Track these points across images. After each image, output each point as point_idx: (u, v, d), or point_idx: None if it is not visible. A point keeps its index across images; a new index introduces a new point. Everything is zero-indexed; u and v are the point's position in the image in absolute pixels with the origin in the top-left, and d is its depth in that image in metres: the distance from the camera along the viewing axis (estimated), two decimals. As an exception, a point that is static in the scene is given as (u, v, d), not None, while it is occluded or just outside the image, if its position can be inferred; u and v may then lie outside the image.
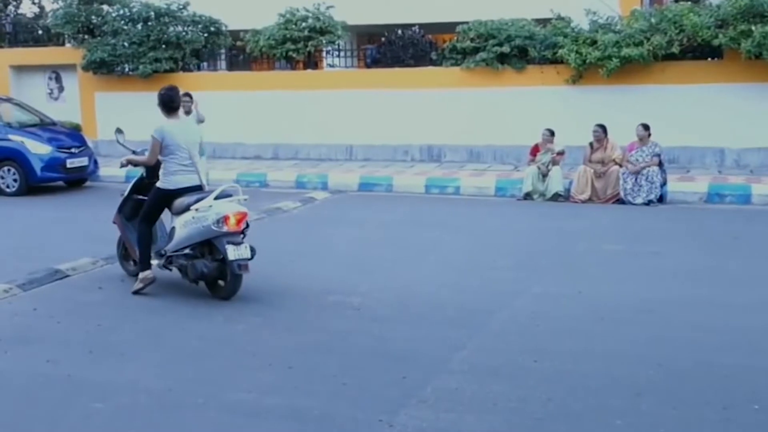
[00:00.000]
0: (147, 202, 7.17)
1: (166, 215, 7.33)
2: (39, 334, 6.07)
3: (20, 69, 19.42)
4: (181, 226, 6.96)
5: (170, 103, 7.07)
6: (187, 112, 11.82)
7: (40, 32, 22.21)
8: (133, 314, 6.57)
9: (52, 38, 20.33)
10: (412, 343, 5.72)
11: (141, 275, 7.04)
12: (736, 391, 4.75)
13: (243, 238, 6.90)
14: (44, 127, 14.56)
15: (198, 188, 7.09)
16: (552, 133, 12.50)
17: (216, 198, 6.87)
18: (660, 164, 11.79)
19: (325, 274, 7.72)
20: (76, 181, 14.34)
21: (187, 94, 11.98)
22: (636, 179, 11.68)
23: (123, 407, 4.66)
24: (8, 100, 15.97)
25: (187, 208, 6.93)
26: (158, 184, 7.09)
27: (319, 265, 8.16)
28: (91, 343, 5.84)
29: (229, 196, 7.00)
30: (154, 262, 7.24)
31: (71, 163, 13.74)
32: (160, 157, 7.08)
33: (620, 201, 11.78)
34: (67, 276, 7.69)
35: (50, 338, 5.97)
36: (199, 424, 4.43)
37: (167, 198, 7.08)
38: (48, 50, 19.61)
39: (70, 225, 10.69)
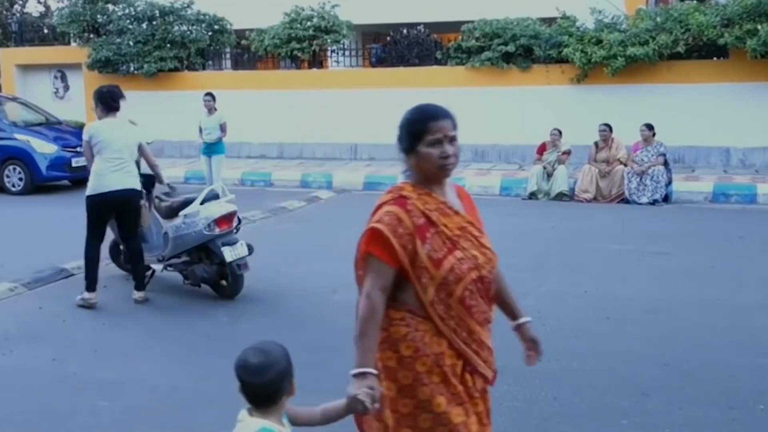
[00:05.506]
0: (87, 217, 6.70)
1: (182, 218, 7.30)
2: (45, 332, 6.08)
3: (26, 68, 19.47)
4: (173, 232, 6.93)
5: (110, 102, 6.64)
6: (209, 111, 11.96)
7: (45, 31, 22.27)
8: (138, 313, 6.58)
9: (58, 37, 20.39)
10: (418, 342, 5.70)
11: (87, 295, 6.64)
12: (742, 391, 4.74)
13: (236, 232, 6.90)
14: (50, 126, 14.60)
15: (131, 192, 6.64)
16: (560, 133, 12.49)
17: (203, 201, 6.85)
18: (665, 164, 11.77)
19: (331, 273, 7.70)
20: (82, 180, 14.31)
21: (209, 94, 12.09)
22: (641, 179, 11.66)
23: (129, 406, 4.67)
24: (14, 99, 16.02)
25: (175, 213, 6.93)
26: (86, 192, 6.63)
27: (324, 264, 8.15)
28: (96, 341, 5.85)
29: (216, 197, 6.98)
30: (157, 266, 7.22)
31: (77, 162, 13.74)
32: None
33: (625, 201, 11.76)
34: (73, 275, 7.70)
35: (56, 337, 5.98)
36: (204, 422, 4.44)
37: (101, 205, 6.59)
38: (53, 49, 19.67)
39: (76, 224, 10.57)
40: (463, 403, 2.66)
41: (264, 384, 2.39)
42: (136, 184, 6.75)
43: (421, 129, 2.66)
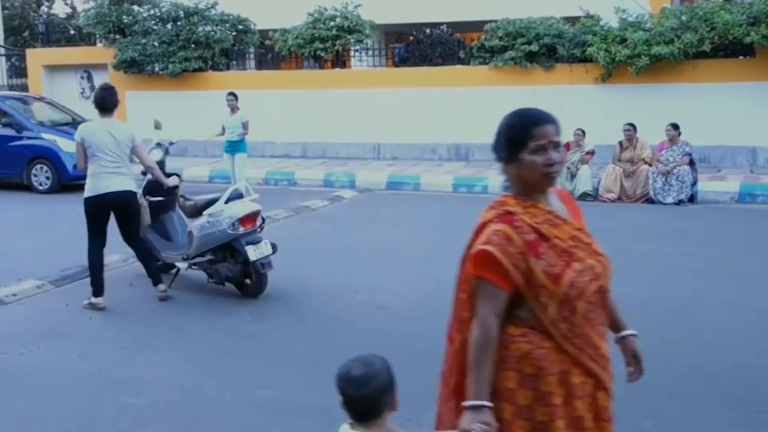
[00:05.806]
0: (87, 221, 6.71)
1: (198, 216, 7.35)
2: (71, 329, 6.16)
3: (53, 68, 19.70)
4: (197, 231, 6.97)
5: (102, 104, 6.61)
6: (232, 110, 12.04)
7: (72, 32, 22.52)
8: (163, 311, 6.63)
9: (84, 38, 20.61)
10: (439, 341, 5.66)
11: (94, 300, 6.61)
12: (768, 394, 4.69)
13: (260, 231, 6.94)
14: (76, 125, 14.66)
15: (128, 193, 6.66)
16: (584, 133, 12.43)
17: (227, 201, 6.90)
18: (691, 163, 11.67)
19: (353, 273, 7.74)
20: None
21: (232, 93, 12.18)
22: (666, 179, 11.57)
23: (153, 402, 4.71)
24: (41, 99, 16.21)
25: (199, 213, 6.98)
26: (84, 195, 6.66)
27: (347, 263, 8.18)
28: (122, 339, 5.91)
29: (240, 196, 7.02)
30: (181, 265, 7.28)
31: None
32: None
33: (649, 201, 11.67)
34: (99, 273, 7.77)
35: (82, 334, 6.05)
36: (228, 420, 4.47)
37: (100, 206, 6.62)
38: (80, 50, 19.88)
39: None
40: (580, 429, 2.48)
41: (365, 396, 2.38)
42: (132, 186, 6.75)
43: (524, 135, 2.46)
